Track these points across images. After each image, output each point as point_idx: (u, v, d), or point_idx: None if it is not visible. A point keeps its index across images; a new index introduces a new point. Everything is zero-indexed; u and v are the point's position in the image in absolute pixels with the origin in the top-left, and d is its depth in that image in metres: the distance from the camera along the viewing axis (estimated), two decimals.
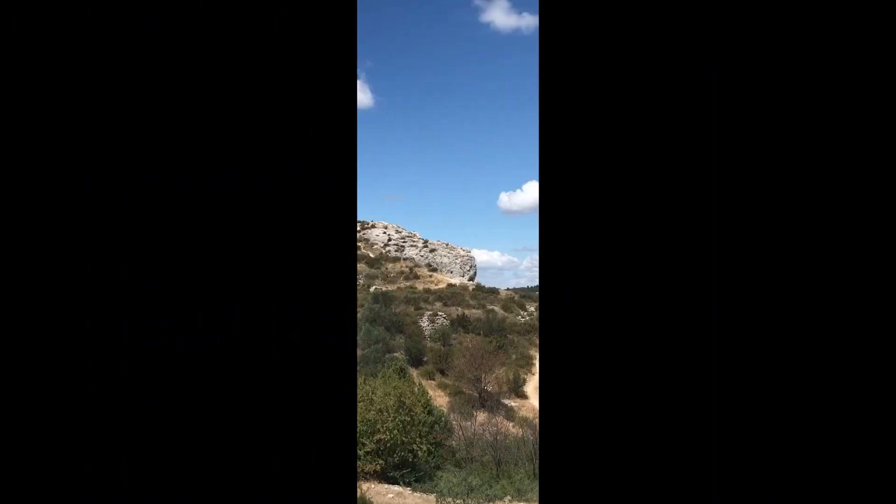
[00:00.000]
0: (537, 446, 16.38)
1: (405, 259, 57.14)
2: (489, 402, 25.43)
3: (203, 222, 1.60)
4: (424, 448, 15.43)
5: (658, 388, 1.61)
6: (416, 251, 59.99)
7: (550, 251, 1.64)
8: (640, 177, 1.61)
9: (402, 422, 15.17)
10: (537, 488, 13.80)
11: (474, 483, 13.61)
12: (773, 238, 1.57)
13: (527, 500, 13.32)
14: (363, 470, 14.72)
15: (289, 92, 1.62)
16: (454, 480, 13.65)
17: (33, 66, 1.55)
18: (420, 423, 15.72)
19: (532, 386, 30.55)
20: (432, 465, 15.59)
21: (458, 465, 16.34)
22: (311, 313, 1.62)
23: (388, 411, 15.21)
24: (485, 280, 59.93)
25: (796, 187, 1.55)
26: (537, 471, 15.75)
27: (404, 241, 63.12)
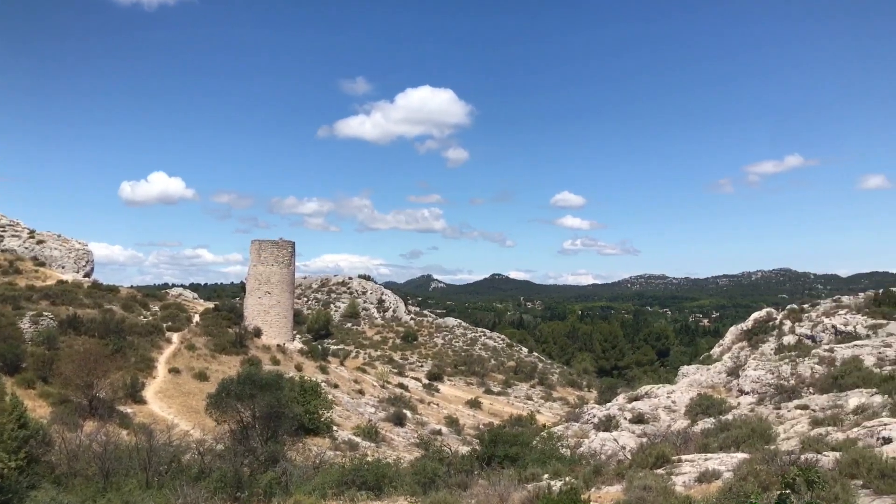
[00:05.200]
0: (152, 453, 15.51)
1: (5, 251, 49.49)
2: (101, 410, 23.34)
3: None
4: (13, 465, 13.46)
5: None
6: (20, 242, 52.35)
7: None
8: None
9: None
10: (150, 500, 13.06)
11: (70, 500, 12.38)
12: None
13: None
14: None
15: None
16: (44, 500, 12.25)
17: None
18: (9, 437, 13.70)
19: (152, 391, 28.77)
20: (25, 484, 13.70)
21: (57, 481, 14.68)
22: None
23: None
24: (103, 277, 54.47)
25: None
26: (151, 480, 14.90)
27: (4, 231, 54.64)
